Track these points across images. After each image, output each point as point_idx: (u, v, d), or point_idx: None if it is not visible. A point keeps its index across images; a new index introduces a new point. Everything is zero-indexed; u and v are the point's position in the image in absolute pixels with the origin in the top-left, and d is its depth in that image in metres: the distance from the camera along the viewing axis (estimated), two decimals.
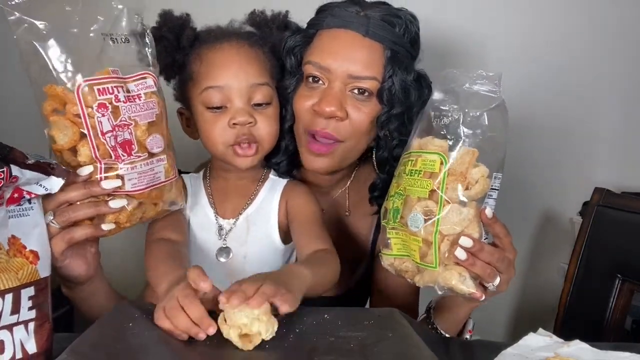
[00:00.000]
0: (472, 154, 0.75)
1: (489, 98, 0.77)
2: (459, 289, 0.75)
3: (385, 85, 0.91)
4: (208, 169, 1.00)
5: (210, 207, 0.95)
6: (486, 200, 0.78)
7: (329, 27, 0.94)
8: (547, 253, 1.73)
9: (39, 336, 0.64)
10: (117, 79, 0.73)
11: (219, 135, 0.88)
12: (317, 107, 0.91)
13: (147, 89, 0.76)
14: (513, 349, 0.73)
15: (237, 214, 0.94)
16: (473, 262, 0.74)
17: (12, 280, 0.61)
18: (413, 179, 0.77)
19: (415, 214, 0.76)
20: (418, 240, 0.76)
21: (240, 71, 0.88)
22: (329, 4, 0.98)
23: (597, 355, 0.71)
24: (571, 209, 1.59)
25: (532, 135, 1.66)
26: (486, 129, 0.75)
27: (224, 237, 0.93)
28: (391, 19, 0.92)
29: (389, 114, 0.92)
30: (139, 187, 0.75)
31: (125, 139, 0.73)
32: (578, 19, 1.65)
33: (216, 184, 0.98)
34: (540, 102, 1.66)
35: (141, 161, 0.75)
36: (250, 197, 0.95)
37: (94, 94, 0.70)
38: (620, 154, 1.73)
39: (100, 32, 0.72)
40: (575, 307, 1.20)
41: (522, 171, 1.67)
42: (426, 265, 0.76)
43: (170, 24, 0.91)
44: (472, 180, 0.75)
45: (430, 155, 0.76)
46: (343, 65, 0.90)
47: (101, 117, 0.71)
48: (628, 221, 1.17)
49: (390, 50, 0.92)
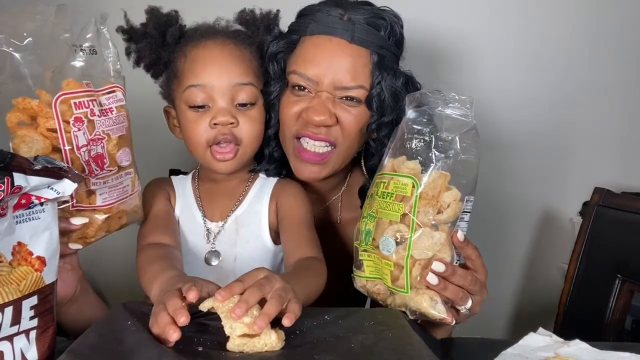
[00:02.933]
0: (444, 178, 0.74)
1: (461, 122, 0.76)
2: (430, 313, 0.75)
3: (374, 92, 0.90)
4: (197, 170, 0.99)
5: (198, 210, 0.93)
6: (458, 223, 0.77)
7: (313, 33, 0.91)
8: (547, 253, 1.73)
9: (41, 343, 0.63)
10: (91, 92, 0.72)
11: (199, 136, 0.87)
12: (305, 116, 0.90)
13: (118, 102, 0.75)
14: (513, 349, 0.72)
15: (226, 216, 0.93)
16: (445, 286, 0.74)
17: (13, 293, 0.60)
18: (385, 201, 0.77)
19: (386, 237, 0.75)
20: (390, 264, 0.75)
21: (223, 70, 0.86)
22: (311, 7, 0.95)
23: (597, 355, 0.71)
24: (571, 209, 1.59)
25: (532, 135, 1.66)
26: (458, 153, 0.75)
27: (212, 241, 0.91)
28: (376, 21, 0.90)
29: (380, 121, 0.91)
30: (108, 201, 0.74)
31: (98, 153, 0.72)
32: (578, 18, 1.65)
33: (204, 185, 0.96)
34: (540, 102, 1.66)
35: (112, 175, 0.74)
36: (239, 198, 0.94)
37: (71, 107, 0.69)
38: (620, 154, 1.73)
39: (70, 43, 0.71)
40: (575, 307, 1.20)
41: (522, 171, 1.68)
42: (397, 289, 0.76)
43: (157, 21, 0.90)
44: (444, 204, 0.75)
45: (402, 178, 0.76)
46: (329, 75, 0.88)
47: (77, 131, 0.69)
48: (628, 221, 1.17)
49: (377, 54, 0.90)
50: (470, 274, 0.77)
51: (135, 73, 1.08)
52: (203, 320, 0.68)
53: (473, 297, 0.78)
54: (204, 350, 0.62)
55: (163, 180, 0.98)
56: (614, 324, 1.14)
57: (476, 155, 0.76)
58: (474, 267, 0.79)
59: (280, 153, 0.97)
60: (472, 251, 0.78)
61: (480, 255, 0.79)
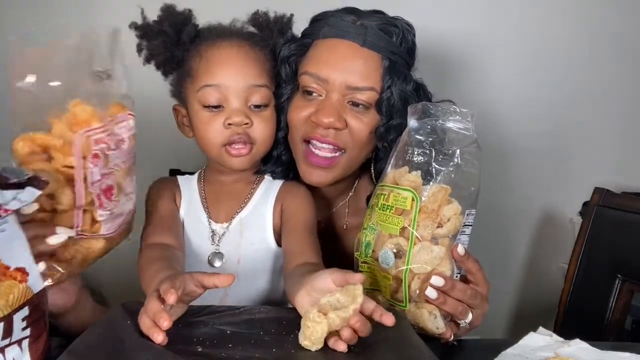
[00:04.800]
0: (444, 192, 0.74)
1: (462, 135, 0.76)
2: (429, 328, 0.75)
3: (384, 96, 0.90)
4: (203, 171, 0.98)
5: (203, 210, 0.93)
6: (459, 236, 0.77)
7: (326, 37, 0.92)
8: (547, 253, 1.73)
9: (34, 351, 0.61)
10: (108, 127, 0.69)
11: (213, 135, 0.87)
12: (314, 118, 0.90)
13: (129, 131, 0.73)
14: (513, 349, 0.72)
15: (231, 218, 0.92)
16: (444, 300, 0.74)
17: (2, 309, 0.57)
18: (385, 214, 0.76)
19: (385, 250, 0.75)
20: (389, 278, 0.75)
21: (239, 71, 0.87)
22: (324, 13, 0.96)
23: (597, 355, 0.71)
24: (571, 209, 1.59)
25: (532, 135, 1.67)
26: (460, 166, 0.75)
27: (217, 242, 0.91)
28: (388, 28, 0.91)
29: (388, 125, 0.91)
30: (113, 229, 0.72)
31: (108, 186, 0.70)
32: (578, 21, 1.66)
33: (210, 186, 0.96)
34: (541, 102, 1.66)
35: (118, 204, 0.72)
36: (245, 199, 0.94)
37: (90, 144, 0.66)
38: (620, 154, 1.73)
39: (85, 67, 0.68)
40: (575, 307, 1.20)
41: (522, 171, 1.68)
42: (396, 302, 0.75)
43: (172, 19, 0.89)
44: (445, 218, 0.74)
45: (402, 191, 0.75)
46: (341, 76, 0.89)
47: (93, 167, 0.67)
48: (628, 221, 1.17)
49: (388, 60, 0.90)
50: (470, 288, 0.76)
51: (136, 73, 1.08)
52: (203, 320, 0.68)
53: (473, 311, 0.77)
54: (203, 350, 0.62)
55: (169, 180, 0.98)
56: (614, 324, 1.14)
57: (478, 168, 0.75)
58: (475, 280, 0.78)
59: (289, 156, 0.97)
60: (472, 264, 0.78)
61: (481, 268, 0.79)
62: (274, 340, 0.64)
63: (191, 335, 0.65)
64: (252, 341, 0.64)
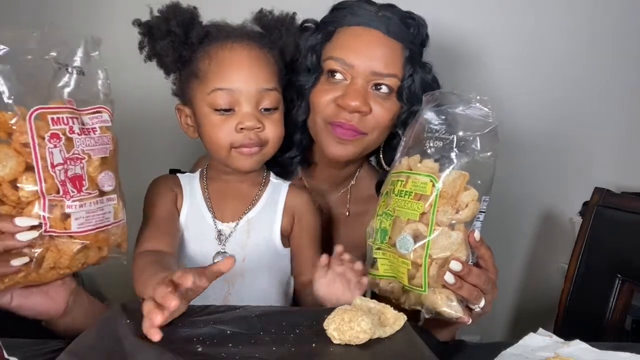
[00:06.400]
0: (463, 178, 0.74)
1: (483, 123, 0.77)
2: (447, 312, 0.75)
3: (405, 83, 0.95)
4: (205, 169, 0.98)
5: (208, 210, 0.93)
6: (474, 223, 0.77)
7: (350, 24, 0.96)
8: (547, 253, 1.73)
9: None
10: (72, 110, 0.69)
11: (224, 139, 0.86)
12: (341, 102, 0.93)
13: (103, 123, 0.72)
14: (513, 349, 0.72)
15: (238, 218, 0.92)
16: (461, 285, 0.75)
17: None
18: (403, 200, 0.76)
19: (404, 236, 0.75)
20: (407, 263, 0.75)
21: (250, 75, 0.86)
22: (345, 2, 1.00)
23: (597, 355, 0.71)
24: (571, 209, 1.59)
25: (533, 135, 1.67)
26: (477, 153, 0.76)
27: (223, 242, 0.91)
28: (406, 20, 0.97)
29: (410, 111, 0.95)
30: (86, 227, 0.69)
31: (76, 174, 0.67)
32: (578, 21, 1.65)
33: (214, 186, 0.95)
34: (541, 102, 1.66)
35: (91, 199, 0.69)
36: (252, 200, 0.94)
37: (47, 122, 0.65)
38: (620, 154, 1.73)
39: (55, 61, 0.68)
40: (575, 307, 1.20)
41: (522, 171, 1.68)
42: (414, 287, 0.76)
43: (180, 17, 0.87)
44: (462, 204, 0.75)
45: (421, 177, 0.75)
46: (366, 62, 0.93)
47: (53, 147, 0.65)
48: (628, 221, 1.17)
49: (408, 50, 0.95)
50: (484, 274, 0.78)
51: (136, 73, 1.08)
52: (202, 319, 0.68)
53: (485, 297, 0.79)
54: (203, 350, 0.62)
55: (169, 178, 0.97)
56: (614, 324, 1.14)
57: (494, 156, 0.77)
58: (486, 266, 0.80)
59: (308, 140, 1.01)
60: (485, 251, 0.79)
61: (492, 254, 0.80)
62: (274, 340, 0.64)
63: (191, 335, 0.65)
64: (252, 341, 0.64)
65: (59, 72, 0.69)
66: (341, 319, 0.63)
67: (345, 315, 0.63)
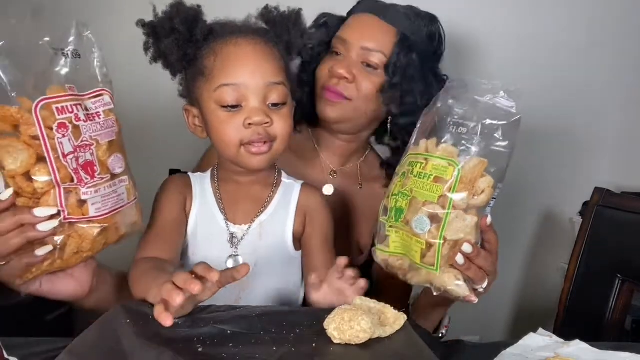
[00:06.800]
0: (482, 165, 0.77)
1: (507, 113, 0.79)
2: (455, 291, 0.78)
3: (391, 60, 1.07)
4: (216, 169, 0.96)
5: (220, 212, 0.91)
6: (486, 208, 0.80)
7: (357, 12, 1.13)
8: (547, 253, 1.73)
9: None
10: (75, 97, 0.69)
11: (233, 135, 0.85)
12: (331, 69, 1.09)
13: (105, 106, 0.73)
14: (513, 349, 0.73)
15: (250, 220, 0.91)
16: (469, 266, 0.78)
17: None
18: (422, 181, 0.78)
19: (421, 217, 0.77)
20: (421, 243, 0.77)
21: (257, 69, 0.85)
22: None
23: (597, 355, 0.71)
24: (571, 209, 1.59)
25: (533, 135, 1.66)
26: (498, 142, 0.78)
27: (236, 245, 0.90)
28: (410, 13, 1.09)
29: (391, 83, 1.07)
30: (103, 211, 0.71)
31: (87, 160, 0.69)
32: (578, 20, 1.65)
33: (226, 187, 0.93)
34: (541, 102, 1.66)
35: (104, 183, 0.71)
36: (264, 202, 0.92)
37: (53, 113, 0.66)
38: (620, 154, 1.73)
39: (50, 46, 0.68)
40: (575, 307, 1.20)
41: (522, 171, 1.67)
42: (426, 266, 0.77)
43: (183, 15, 0.86)
44: (479, 190, 0.77)
45: (442, 160, 0.77)
46: (359, 39, 1.08)
47: (62, 137, 0.66)
48: (628, 221, 1.17)
49: (402, 34, 1.07)
50: (490, 256, 0.81)
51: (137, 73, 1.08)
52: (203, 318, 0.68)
53: (488, 278, 0.82)
54: (203, 350, 0.62)
55: (180, 179, 0.95)
56: (614, 324, 1.14)
57: (512, 146, 0.79)
58: (491, 250, 0.82)
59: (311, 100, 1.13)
60: (492, 235, 0.82)
61: (497, 240, 0.83)
62: (275, 340, 0.64)
63: (192, 335, 0.65)
64: (252, 341, 0.64)
65: (56, 57, 0.69)
66: (341, 318, 0.63)
67: (345, 315, 0.63)
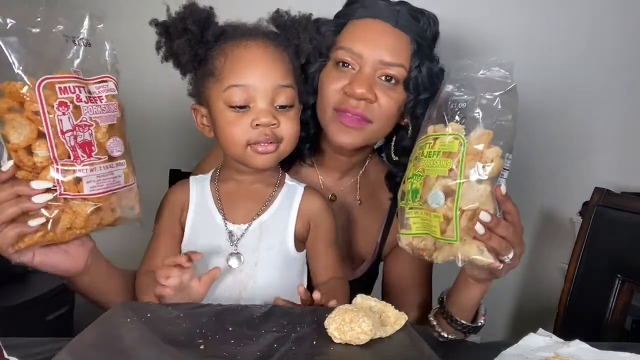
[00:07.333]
0: (487, 135, 0.79)
1: (502, 83, 0.81)
2: (479, 260, 0.78)
3: (412, 74, 0.98)
4: (218, 170, 0.97)
5: (217, 211, 0.92)
6: (499, 179, 0.81)
7: (361, 17, 1.01)
8: (547, 253, 1.73)
9: None
10: (79, 79, 0.73)
11: (239, 135, 0.86)
12: (348, 89, 0.96)
13: (109, 91, 0.76)
14: (513, 349, 0.73)
15: (250, 220, 0.91)
16: (490, 236, 0.78)
17: None
18: (432, 159, 0.81)
19: (435, 191, 0.78)
20: (439, 216, 0.78)
21: (266, 71, 0.86)
22: None
23: (597, 355, 0.71)
24: (571, 209, 1.59)
25: (532, 135, 1.67)
26: (499, 113, 0.79)
27: (235, 243, 0.90)
28: (416, 14, 1.01)
29: (416, 100, 0.98)
30: (97, 190, 0.74)
31: (85, 140, 0.72)
32: (579, 20, 1.65)
33: (225, 187, 0.94)
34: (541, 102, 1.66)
35: (101, 164, 0.74)
36: (266, 202, 0.93)
37: (55, 92, 0.70)
38: (620, 154, 1.73)
39: (62, 34, 0.72)
40: (575, 307, 1.20)
41: (522, 171, 1.68)
42: (447, 239, 0.79)
43: (196, 16, 0.88)
44: (488, 160, 0.78)
45: (447, 137, 0.80)
46: (374, 51, 0.97)
47: (62, 115, 0.70)
48: (628, 221, 1.17)
49: (416, 42, 0.99)
50: (511, 226, 0.81)
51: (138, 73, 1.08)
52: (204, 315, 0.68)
53: (514, 249, 0.81)
54: (204, 348, 0.62)
55: (179, 188, 0.96)
56: (614, 324, 1.14)
57: (514, 115, 0.80)
58: (513, 221, 0.82)
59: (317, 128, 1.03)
60: (511, 206, 0.82)
61: (518, 211, 0.83)
62: (276, 339, 0.64)
63: (192, 333, 0.65)
64: (253, 338, 0.64)
65: (67, 45, 0.73)
66: (342, 319, 0.63)
67: (346, 316, 0.63)
